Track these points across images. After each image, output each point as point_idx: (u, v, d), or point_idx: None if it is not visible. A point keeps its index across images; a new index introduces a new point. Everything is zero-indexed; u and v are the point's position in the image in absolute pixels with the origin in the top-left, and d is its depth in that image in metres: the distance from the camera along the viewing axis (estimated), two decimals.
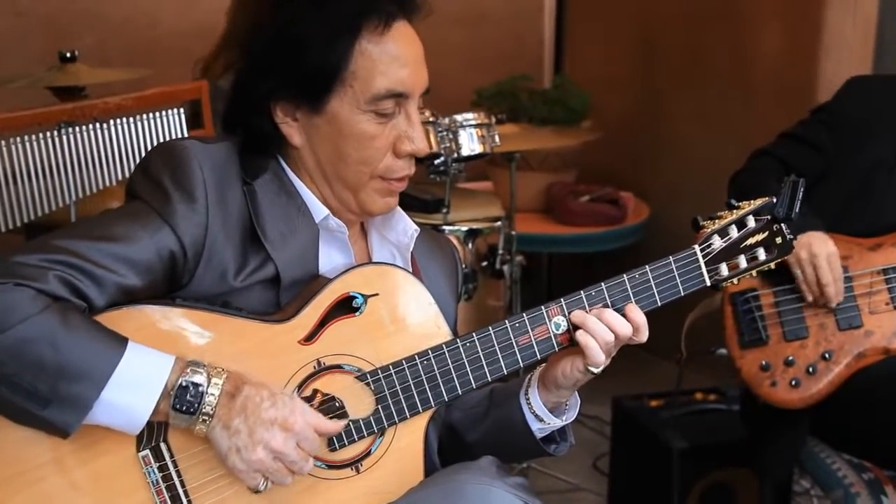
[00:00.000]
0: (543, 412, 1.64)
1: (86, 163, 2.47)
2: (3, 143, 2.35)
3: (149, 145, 2.54)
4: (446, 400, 1.55)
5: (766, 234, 1.67)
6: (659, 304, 1.60)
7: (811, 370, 2.25)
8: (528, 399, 1.64)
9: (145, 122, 2.55)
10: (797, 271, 2.25)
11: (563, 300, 1.58)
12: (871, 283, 2.26)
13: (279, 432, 1.40)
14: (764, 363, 2.27)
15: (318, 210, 1.58)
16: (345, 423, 1.50)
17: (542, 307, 1.57)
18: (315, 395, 1.51)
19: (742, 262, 1.65)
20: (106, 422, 1.39)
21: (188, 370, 1.40)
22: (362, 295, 1.53)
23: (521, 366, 1.58)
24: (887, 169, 2.32)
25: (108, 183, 2.52)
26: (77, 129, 2.45)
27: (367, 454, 1.54)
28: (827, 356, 2.25)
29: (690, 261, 1.62)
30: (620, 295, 1.58)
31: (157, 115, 2.55)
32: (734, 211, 1.67)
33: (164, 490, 1.44)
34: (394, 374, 1.53)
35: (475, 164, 3.42)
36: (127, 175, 2.52)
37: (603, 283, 1.58)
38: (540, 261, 4.49)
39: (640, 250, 3.94)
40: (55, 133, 2.42)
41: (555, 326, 1.58)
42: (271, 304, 1.54)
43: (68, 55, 2.89)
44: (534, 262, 3.96)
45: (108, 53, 3.66)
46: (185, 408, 1.38)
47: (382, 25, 1.51)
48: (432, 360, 1.54)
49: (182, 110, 2.60)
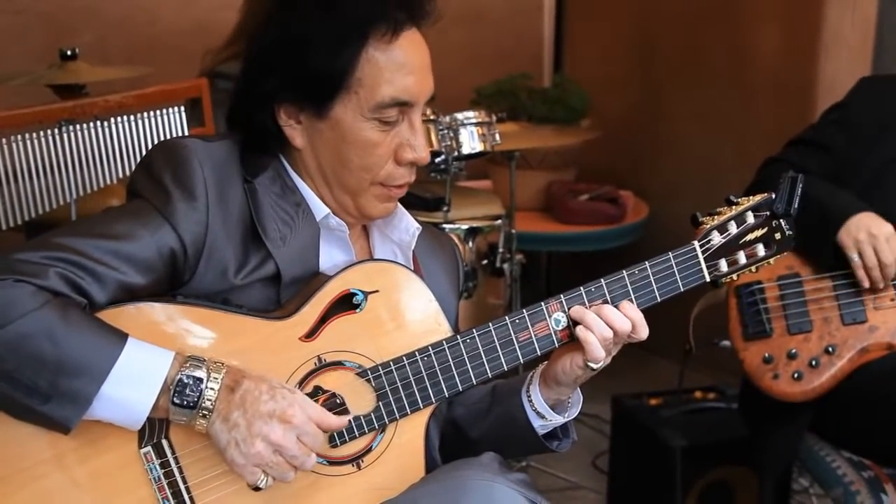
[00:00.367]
0: (545, 409, 1.64)
1: (86, 161, 2.47)
2: (4, 140, 2.34)
3: (149, 143, 2.54)
4: (447, 396, 1.56)
5: (765, 229, 1.67)
6: (659, 299, 1.60)
7: (814, 364, 2.25)
8: (529, 396, 1.65)
9: (146, 120, 2.55)
10: (853, 255, 2.20)
11: (562, 296, 1.58)
12: None
13: (278, 425, 1.39)
14: (767, 356, 2.27)
15: (319, 208, 1.58)
16: (349, 417, 1.50)
17: (542, 303, 1.58)
18: (316, 391, 1.51)
19: (741, 257, 1.66)
20: (106, 417, 1.39)
21: (188, 365, 1.40)
22: (363, 292, 1.54)
23: (522, 362, 1.58)
24: None
25: (108, 181, 2.52)
26: (78, 126, 2.45)
27: (368, 450, 1.54)
28: (830, 350, 2.25)
29: (690, 257, 1.62)
30: (620, 291, 1.58)
31: (158, 113, 2.55)
32: (733, 207, 1.67)
33: (165, 486, 1.44)
34: (394, 371, 1.53)
35: (475, 163, 3.42)
36: (127, 173, 2.52)
37: (602, 280, 1.59)
38: (539, 259, 4.48)
39: (639, 249, 3.94)
40: (56, 131, 2.42)
41: (555, 322, 1.58)
42: (272, 302, 1.54)
43: (69, 53, 2.88)
44: (533, 260, 3.95)
45: (108, 51, 3.65)
46: (185, 402, 1.38)
47: (391, 33, 1.50)
48: (433, 356, 1.54)
49: (183, 108, 2.60)
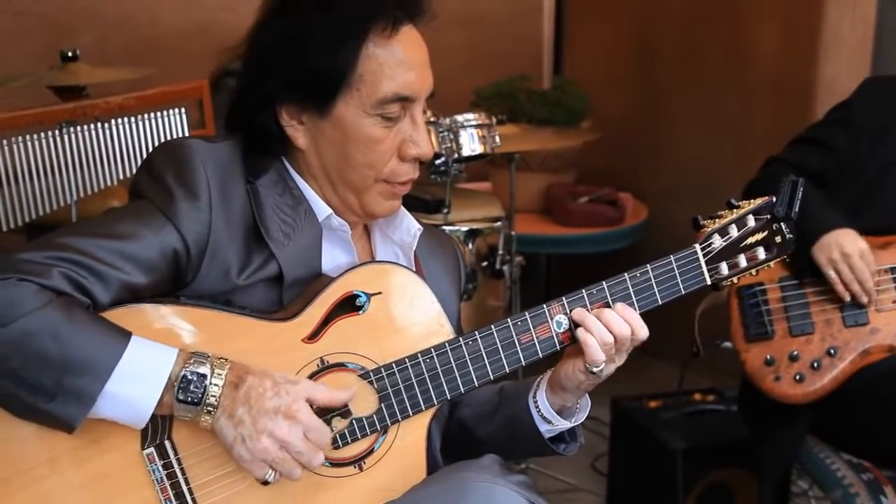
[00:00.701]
0: (551, 414, 1.64)
1: (87, 162, 2.48)
2: (5, 142, 2.35)
3: (150, 145, 2.55)
4: (448, 398, 1.56)
5: (765, 232, 1.68)
6: (660, 302, 1.61)
7: (815, 365, 2.25)
8: (536, 401, 1.65)
9: (147, 122, 2.55)
10: (830, 272, 2.21)
11: (564, 298, 1.59)
12: (879, 282, 2.26)
13: (283, 421, 1.40)
14: (768, 357, 2.28)
15: (322, 209, 1.58)
16: (353, 392, 1.50)
17: (544, 305, 1.58)
18: None
19: (742, 260, 1.66)
20: (111, 415, 1.39)
21: (192, 361, 1.40)
22: (365, 293, 1.54)
23: (523, 364, 1.58)
24: None
25: (109, 182, 2.52)
26: (78, 128, 2.46)
27: (370, 452, 1.54)
28: (832, 352, 2.25)
29: (691, 259, 1.63)
30: (622, 293, 1.59)
31: (159, 114, 2.55)
32: (734, 210, 1.68)
33: (168, 488, 1.44)
34: (397, 372, 1.53)
35: (475, 165, 3.41)
36: (128, 175, 2.52)
37: (604, 282, 1.59)
38: (539, 261, 4.48)
39: (638, 251, 3.93)
40: (56, 132, 2.43)
41: (557, 325, 1.58)
42: (274, 303, 1.54)
43: (70, 54, 2.88)
44: (532, 262, 3.95)
45: (108, 52, 3.65)
46: (190, 399, 1.39)
47: (390, 29, 1.51)
48: (435, 357, 1.54)
49: (184, 110, 2.60)
